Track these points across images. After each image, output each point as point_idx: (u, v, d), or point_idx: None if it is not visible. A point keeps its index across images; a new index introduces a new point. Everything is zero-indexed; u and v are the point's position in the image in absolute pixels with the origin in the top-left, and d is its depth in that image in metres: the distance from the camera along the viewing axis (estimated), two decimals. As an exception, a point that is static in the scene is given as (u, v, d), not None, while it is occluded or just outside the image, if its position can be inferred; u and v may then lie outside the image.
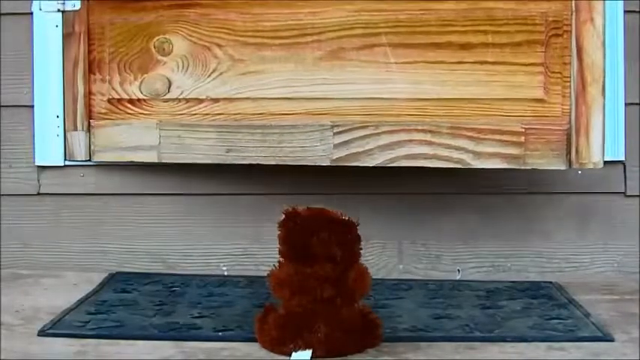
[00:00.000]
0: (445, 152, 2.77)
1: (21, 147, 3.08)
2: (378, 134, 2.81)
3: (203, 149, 2.92)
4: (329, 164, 2.84)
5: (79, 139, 3.03)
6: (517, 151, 2.74)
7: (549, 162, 2.73)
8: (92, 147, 3.03)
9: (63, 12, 3.03)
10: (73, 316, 2.49)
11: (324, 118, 2.85)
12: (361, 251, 2.24)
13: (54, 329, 2.38)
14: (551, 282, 2.91)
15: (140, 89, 2.98)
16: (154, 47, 2.97)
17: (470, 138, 2.76)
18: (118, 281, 2.90)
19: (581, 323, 2.45)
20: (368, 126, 2.81)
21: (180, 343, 2.29)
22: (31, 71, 3.05)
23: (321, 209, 2.23)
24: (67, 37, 3.03)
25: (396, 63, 2.82)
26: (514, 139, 2.73)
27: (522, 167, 2.74)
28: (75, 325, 2.42)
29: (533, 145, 2.73)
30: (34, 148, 3.07)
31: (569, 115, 2.71)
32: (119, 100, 3.00)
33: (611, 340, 2.32)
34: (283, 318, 2.20)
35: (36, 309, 2.58)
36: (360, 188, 2.99)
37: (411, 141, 2.79)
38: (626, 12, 2.96)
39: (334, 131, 2.83)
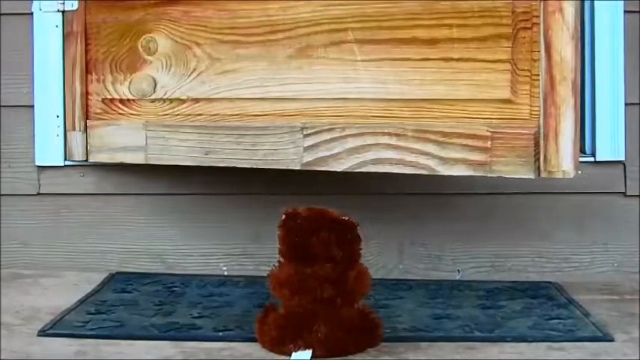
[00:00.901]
0: (411, 157, 2.56)
1: (21, 147, 3.08)
2: (344, 137, 2.64)
3: (184, 151, 2.86)
4: (300, 168, 2.71)
5: (76, 139, 3.03)
6: (483, 157, 2.49)
7: (516, 170, 2.47)
8: (88, 147, 3.03)
9: (63, 12, 3.03)
10: (73, 316, 2.49)
11: (296, 120, 2.72)
12: (361, 251, 2.24)
13: (54, 329, 2.38)
14: (550, 282, 2.91)
15: (129, 89, 2.96)
16: (141, 46, 2.94)
17: (435, 142, 2.54)
18: (118, 281, 2.90)
19: (581, 323, 2.45)
20: (335, 128, 2.65)
21: (180, 343, 2.29)
22: (31, 71, 3.05)
23: (322, 209, 2.23)
24: (66, 37, 3.03)
25: (362, 60, 2.65)
26: (480, 143, 2.49)
27: (489, 175, 2.50)
28: (75, 325, 2.42)
29: (499, 150, 2.48)
30: (33, 148, 3.07)
31: (538, 118, 2.44)
32: (111, 100, 2.99)
33: (611, 340, 2.32)
34: (283, 318, 2.20)
35: (36, 309, 2.58)
36: (360, 188, 2.99)
37: (377, 145, 2.60)
38: (626, 12, 2.96)
39: (304, 133, 2.69)
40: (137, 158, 2.94)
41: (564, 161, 2.42)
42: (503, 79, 2.48)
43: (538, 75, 2.43)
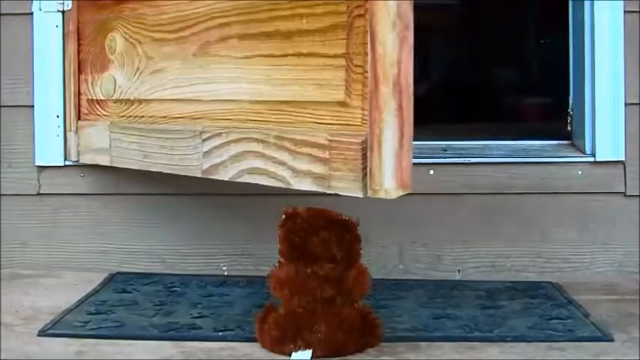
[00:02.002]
0: (273, 167, 2.26)
1: (21, 147, 3.08)
2: (228, 143, 2.38)
3: (131, 154, 2.74)
4: (201, 176, 2.48)
5: (71, 139, 3.02)
6: (322, 169, 2.15)
7: (347, 186, 2.09)
8: (79, 148, 3.01)
9: (63, 12, 3.02)
10: (73, 316, 2.49)
11: (199, 123, 2.50)
12: (361, 251, 2.24)
13: (54, 329, 2.38)
14: (550, 282, 2.91)
15: (101, 90, 2.92)
16: (107, 46, 2.88)
17: (289, 151, 2.22)
18: (118, 281, 2.90)
19: (581, 323, 2.45)
20: (222, 133, 2.40)
21: (180, 343, 2.29)
22: (31, 71, 3.05)
23: (321, 209, 2.23)
24: (65, 36, 3.03)
25: (241, 58, 2.37)
26: (320, 154, 2.15)
27: (328, 191, 2.16)
28: (75, 325, 2.42)
29: (335, 162, 2.12)
30: (34, 148, 3.07)
31: (368, 125, 2.04)
32: (92, 101, 2.96)
33: (611, 340, 2.32)
34: (283, 318, 2.20)
35: (36, 309, 2.58)
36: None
37: (250, 152, 2.32)
38: (626, 12, 2.96)
39: (202, 138, 2.46)
40: (105, 160, 2.87)
41: (385, 178, 2.03)
42: (340, 78, 2.14)
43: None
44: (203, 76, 2.52)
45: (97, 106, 2.94)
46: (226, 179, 2.40)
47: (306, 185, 2.20)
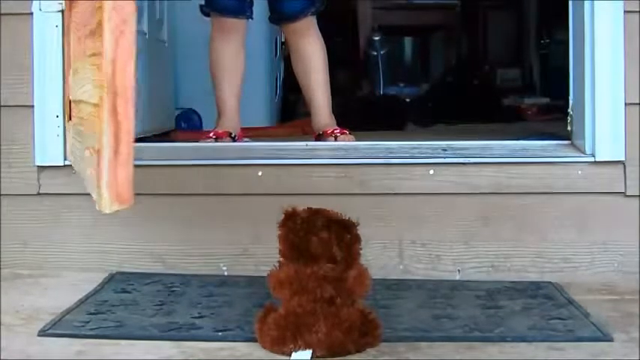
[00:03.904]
0: (87, 171, 2.16)
1: (21, 147, 3.07)
2: (88, 148, 2.27)
3: (73, 156, 2.70)
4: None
5: (65, 140, 3.01)
6: (94, 176, 2.06)
7: (94, 196, 2.04)
8: (67, 149, 2.99)
9: (62, 12, 3.02)
10: (73, 316, 2.49)
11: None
12: (361, 251, 2.24)
13: (54, 329, 2.38)
14: (550, 282, 2.91)
15: (70, 90, 2.88)
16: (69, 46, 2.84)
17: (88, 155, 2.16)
18: (118, 281, 2.90)
19: (581, 323, 2.45)
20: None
21: (180, 343, 2.29)
22: (31, 71, 3.05)
23: (321, 209, 2.23)
24: (64, 36, 3.02)
25: (88, 57, 2.28)
26: (94, 161, 2.07)
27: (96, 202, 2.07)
28: (75, 325, 2.42)
29: (95, 170, 2.05)
30: (34, 148, 3.07)
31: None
32: (71, 102, 2.96)
33: (611, 340, 2.32)
34: (283, 318, 2.20)
35: (36, 309, 2.58)
36: (360, 187, 2.99)
37: (88, 157, 2.22)
38: (626, 12, 2.96)
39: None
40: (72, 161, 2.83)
41: (103, 190, 1.91)
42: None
43: None
44: (84, 77, 2.43)
45: (73, 107, 2.92)
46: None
47: (91, 193, 2.07)
